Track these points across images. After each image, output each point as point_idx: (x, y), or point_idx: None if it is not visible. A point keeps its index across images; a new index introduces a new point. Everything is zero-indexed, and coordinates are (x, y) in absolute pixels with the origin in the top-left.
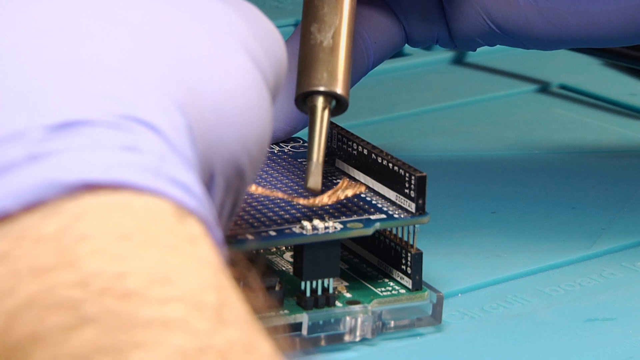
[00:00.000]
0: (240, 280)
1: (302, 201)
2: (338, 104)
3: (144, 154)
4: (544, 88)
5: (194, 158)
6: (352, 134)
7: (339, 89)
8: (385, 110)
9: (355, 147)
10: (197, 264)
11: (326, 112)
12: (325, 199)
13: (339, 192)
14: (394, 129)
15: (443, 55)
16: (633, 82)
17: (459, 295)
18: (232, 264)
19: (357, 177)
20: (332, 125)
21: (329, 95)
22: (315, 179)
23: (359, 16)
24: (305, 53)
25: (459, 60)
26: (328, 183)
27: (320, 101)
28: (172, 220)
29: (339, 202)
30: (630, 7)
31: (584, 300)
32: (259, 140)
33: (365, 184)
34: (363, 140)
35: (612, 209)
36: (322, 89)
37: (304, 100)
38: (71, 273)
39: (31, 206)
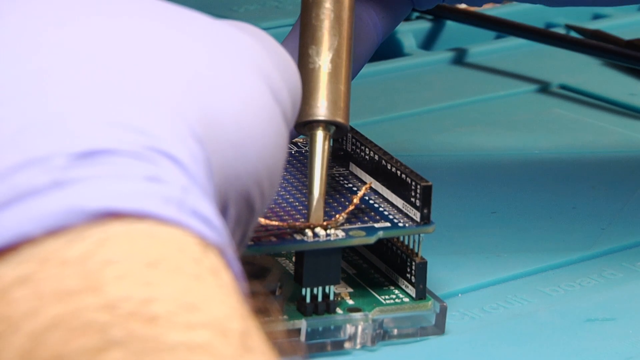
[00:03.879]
0: (260, 312)
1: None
2: (338, 129)
3: (167, 185)
4: (544, 88)
5: (212, 191)
6: (366, 139)
7: (340, 118)
8: (385, 110)
9: (367, 152)
10: (221, 293)
11: (327, 143)
12: (340, 218)
13: (350, 206)
14: (394, 129)
15: (443, 55)
16: (633, 82)
17: (459, 295)
18: (252, 296)
19: (367, 182)
20: None
21: (329, 123)
22: (318, 214)
23: None
24: (303, 77)
25: (459, 60)
26: (338, 187)
27: (320, 130)
28: (196, 250)
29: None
30: None
31: (584, 300)
32: (271, 176)
33: (370, 182)
34: (375, 146)
35: (612, 209)
36: (322, 118)
37: (303, 125)
38: (97, 297)
39: (55, 231)
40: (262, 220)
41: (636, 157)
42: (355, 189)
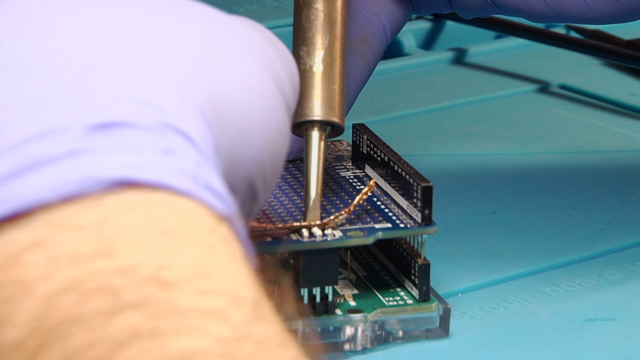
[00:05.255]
0: (270, 286)
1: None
2: (333, 128)
3: (182, 158)
4: (544, 88)
5: (220, 170)
6: (381, 141)
7: (334, 117)
8: (385, 110)
9: (379, 154)
10: (234, 263)
11: (322, 144)
12: (341, 217)
13: (351, 206)
14: (394, 129)
15: (443, 55)
16: (633, 82)
17: (459, 295)
18: (262, 269)
19: (380, 185)
20: (362, 131)
21: (324, 124)
22: (314, 214)
23: None
24: None
25: (459, 60)
26: (349, 189)
27: (315, 131)
28: (209, 221)
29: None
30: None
31: (584, 300)
32: (273, 164)
33: (374, 181)
34: (387, 147)
35: (612, 209)
36: (317, 118)
37: (298, 126)
38: (111, 261)
39: (70, 198)
40: (259, 221)
41: (636, 157)
42: None
